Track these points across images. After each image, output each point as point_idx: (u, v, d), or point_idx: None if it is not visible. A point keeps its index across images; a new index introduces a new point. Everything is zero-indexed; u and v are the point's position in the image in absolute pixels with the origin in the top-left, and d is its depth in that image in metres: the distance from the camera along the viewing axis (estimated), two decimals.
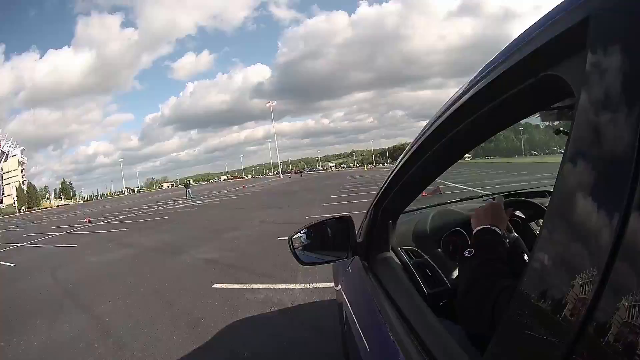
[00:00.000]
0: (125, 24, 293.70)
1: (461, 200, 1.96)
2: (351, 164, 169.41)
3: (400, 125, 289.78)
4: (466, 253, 0.86)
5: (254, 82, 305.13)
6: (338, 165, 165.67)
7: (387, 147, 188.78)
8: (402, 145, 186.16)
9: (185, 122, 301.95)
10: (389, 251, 1.29)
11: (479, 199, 1.90)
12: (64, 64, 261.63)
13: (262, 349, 2.83)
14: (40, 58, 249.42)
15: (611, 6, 0.38)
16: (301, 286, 4.06)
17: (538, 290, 0.41)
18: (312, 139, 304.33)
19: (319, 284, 4.00)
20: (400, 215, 1.31)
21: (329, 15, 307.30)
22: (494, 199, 1.24)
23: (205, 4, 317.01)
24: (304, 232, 1.38)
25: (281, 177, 68.27)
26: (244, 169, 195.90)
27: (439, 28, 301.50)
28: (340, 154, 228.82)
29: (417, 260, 1.29)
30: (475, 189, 6.41)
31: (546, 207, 0.79)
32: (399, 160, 1.05)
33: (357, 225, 1.36)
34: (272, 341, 2.94)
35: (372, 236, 1.30)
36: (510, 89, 0.59)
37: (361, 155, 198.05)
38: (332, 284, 1.99)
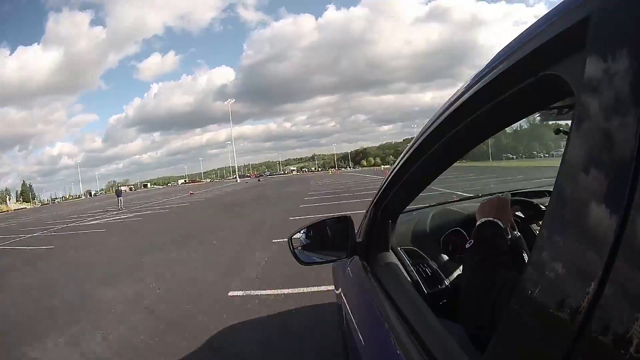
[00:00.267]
0: (95, 22, 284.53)
1: (461, 200, 1.93)
2: (312, 168, 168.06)
3: (362, 130, 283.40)
4: (467, 245, 0.87)
5: (217, 85, 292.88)
6: (299, 169, 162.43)
7: (349, 151, 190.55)
8: (365, 149, 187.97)
9: (148, 124, 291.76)
10: (389, 251, 1.29)
11: (479, 198, 1.86)
12: (32, 62, 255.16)
13: None
14: (10, 54, 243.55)
15: (611, 6, 0.38)
16: None
17: (538, 290, 0.41)
18: (274, 142, 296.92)
19: None
20: (400, 215, 1.31)
21: (296, 18, 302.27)
22: (502, 194, 1.20)
23: (174, 4, 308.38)
24: (304, 232, 1.39)
25: (238, 181, 63.61)
26: (205, 172, 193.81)
27: (405, 33, 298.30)
28: (301, 158, 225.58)
29: (416, 260, 1.29)
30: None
31: (546, 207, 0.81)
32: (398, 159, 1.06)
33: (356, 225, 1.36)
34: None
35: (371, 236, 1.30)
36: (510, 88, 0.59)
37: (322, 159, 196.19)
38: None
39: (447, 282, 1.23)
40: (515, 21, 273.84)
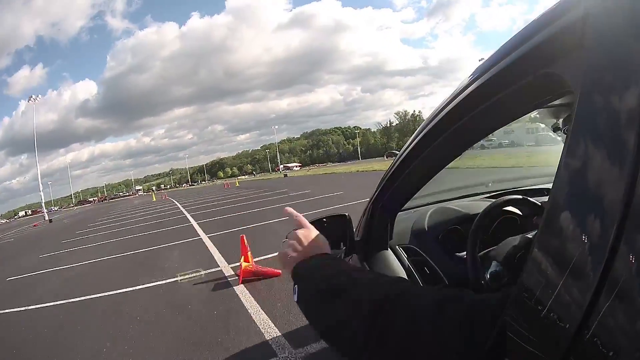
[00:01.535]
0: None
1: (459, 197, 1.92)
2: (162, 186, 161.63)
3: (219, 140, 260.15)
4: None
5: (80, 100, 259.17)
6: (147, 189, 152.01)
7: (205, 164, 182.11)
8: (221, 159, 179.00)
9: (16, 145, 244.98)
10: (387, 249, 1.30)
11: (478, 196, 1.85)
12: None
13: None
14: None
15: (610, 3, 0.39)
16: None
17: (537, 289, 0.41)
18: (134, 159, 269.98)
19: None
20: (399, 213, 1.32)
21: (160, 26, 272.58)
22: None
23: (48, 10, 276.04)
24: None
25: (48, 217, 47.27)
26: (68, 196, 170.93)
27: (266, 40, 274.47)
28: (160, 174, 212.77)
29: (415, 258, 1.30)
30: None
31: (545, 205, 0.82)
32: (397, 157, 1.06)
33: (355, 222, 1.33)
34: None
35: (370, 234, 1.31)
36: (509, 86, 0.60)
37: (180, 173, 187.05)
38: None
39: (445, 280, 1.22)
40: (380, 26, 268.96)
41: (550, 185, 0.47)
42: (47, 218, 47.71)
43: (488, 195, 1.77)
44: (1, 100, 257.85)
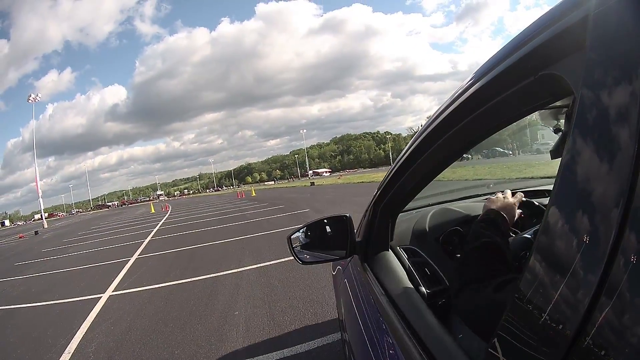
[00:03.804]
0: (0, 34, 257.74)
1: (461, 199, 1.93)
2: (186, 191, 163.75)
3: (249, 146, 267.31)
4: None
5: (109, 104, 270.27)
6: (170, 194, 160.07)
7: (233, 169, 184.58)
8: (249, 165, 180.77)
9: (43, 148, 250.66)
10: (388, 250, 1.30)
11: (479, 197, 1.87)
12: None
13: None
14: None
15: (610, 5, 0.38)
16: None
17: (537, 290, 0.41)
18: (163, 163, 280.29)
19: None
20: (400, 214, 1.32)
21: (191, 32, 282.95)
22: (514, 194, 1.13)
23: (76, 15, 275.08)
24: (303, 231, 1.38)
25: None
26: (94, 199, 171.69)
27: (296, 46, 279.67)
28: (188, 178, 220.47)
29: (416, 259, 1.29)
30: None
31: (545, 206, 0.81)
32: (398, 158, 1.06)
33: (356, 223, 1.35)
34: None
35: (371, 235, 1.31)
36: (509, 87, 0.60)
37: (208, 178, 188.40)
38: None
39: (446, 282, 1.20)
40: (410, 31, 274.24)
41: (551, 187, 0.47)
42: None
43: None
44: (27, 103, 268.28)
